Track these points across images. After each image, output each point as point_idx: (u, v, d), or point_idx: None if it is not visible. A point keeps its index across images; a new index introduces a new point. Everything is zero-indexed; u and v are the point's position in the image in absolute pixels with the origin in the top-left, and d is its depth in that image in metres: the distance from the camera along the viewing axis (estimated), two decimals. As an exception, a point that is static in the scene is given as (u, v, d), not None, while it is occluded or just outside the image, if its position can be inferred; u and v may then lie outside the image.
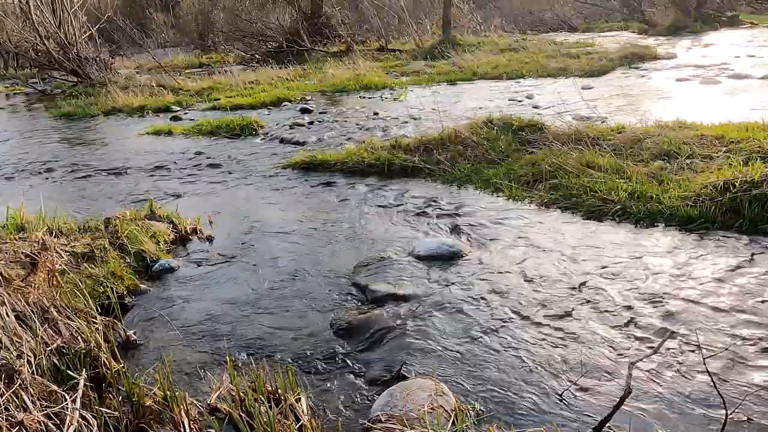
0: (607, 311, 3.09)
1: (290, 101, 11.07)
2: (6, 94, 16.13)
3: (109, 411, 2.37)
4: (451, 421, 2.29)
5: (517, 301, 3.27)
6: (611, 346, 2.79)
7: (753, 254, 3.62)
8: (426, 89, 11.52)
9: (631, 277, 3.44)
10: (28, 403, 2.25)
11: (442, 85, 12.00)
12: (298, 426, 2.32)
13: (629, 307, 3.11)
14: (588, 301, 3.21)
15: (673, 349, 2.73)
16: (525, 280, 3.50)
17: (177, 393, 2.40)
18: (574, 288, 3.36)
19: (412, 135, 7.01)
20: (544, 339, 2.89)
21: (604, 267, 3.60)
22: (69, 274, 3.46)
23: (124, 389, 2.53)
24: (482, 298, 3.32)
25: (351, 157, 6.31)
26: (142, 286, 3.78)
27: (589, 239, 4.04)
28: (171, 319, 3.31)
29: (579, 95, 8.17)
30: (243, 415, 2.32)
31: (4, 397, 2.21)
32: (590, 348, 2.79)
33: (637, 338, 2.84)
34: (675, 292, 3.24)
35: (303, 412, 2.39)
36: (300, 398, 2.46)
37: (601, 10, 25.95)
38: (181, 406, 2.36)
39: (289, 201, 5.40)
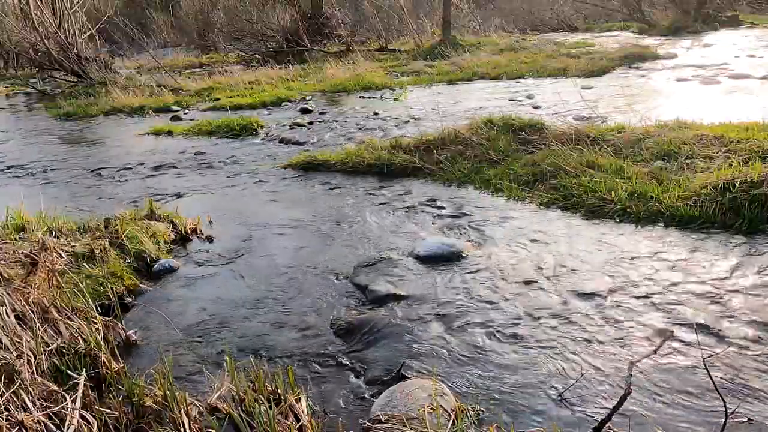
0: (606, 311, 3.09)
1: (290, 101, 11.08)
2: (6, 94, 16.13)
3: (109, 411, 2.37)
4: (451, 421, 2.29)
5: (517, 300, 3.27)
6: (611, 346, 2.79)
7: (752, 254, 3.62)
8: (426, 89, 11.52)
9: (631, 277, 3.44)
10: (28, 403, 2.25)
11: (442, 85, 12.00)
12: (298, 426, 2.32)
13: (629, 307, 3.11)
14: (588, 301, 3.20)
15: (673, 348, 2.73)
16: (525, 280, 3.50)
17: (177, 393, 2.40)
18: (573, 288, 3.36)
19: (412, 135, 7.01)
20: (544, 339, 2.89)
21: (603, 267, 3.60)
22: (69, 274, 3.45)
23: (124, 389, 2.53)
24: (482, 298, 3.32)
25: (351, 157, 6.31)
26: (142, 286, 3.78)
27: (589, 239, 4.03)
28: (171, 319, 3.31)
29: (579, 95, 8.18)
30: (243, 415, 2.32)
31: (4, 397, 2.21)
32: (590, 347, 2.79)
33: (637, 338, 2.84)
34: (675, 291, 3.24)
35: (303, 412, 2.39)
36: (300, 398, 2.46)
37: (601, 10, 25.93)
38: (181, 406, 2.36)
39: (289, 201, 5.40)
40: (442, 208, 4.89)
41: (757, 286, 3.24)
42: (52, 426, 2.18)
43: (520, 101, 9.33)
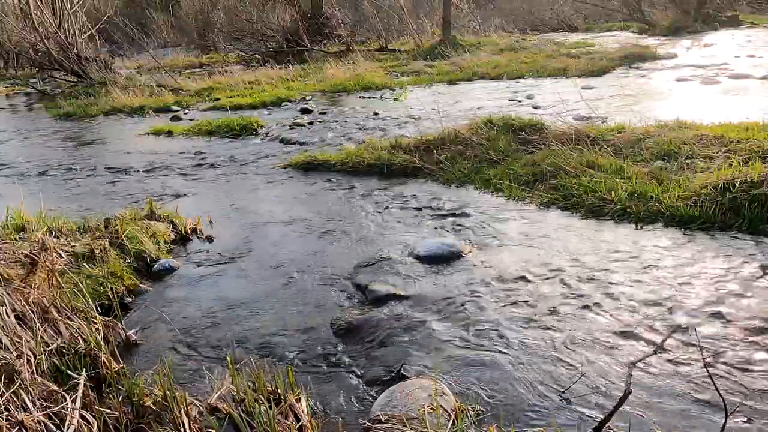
0: (606, 311, 3.09)
1: (290, 101, 11.08)
2: (6, 94, 16.13)
3: (109, 411, 2.37)
4: (451, 421, 2.29)
5: (516, 301, 3.27)
6: (611, 346, 2.79)
7: (752, 254, 3.62)
8: (426, 89, 11.52)
9: (631, 277, 3.44)
10: (28, 403, 2.25)
11: (442, 85, 11.99)
12: (298, 426, 2.32)
13: (629, 307, 3.11)
14: (588, 301, 3.20)
15: (673, 349, 2.73)
16: (525, 281, 3.50)
17: (177, 393, 2.40)
18: (573, 288, 3.36)
19: (412, 135, 7.01)
20: (544, 339, 2.89)
21: (603, 267, 3.60)
22: (69, 274, 3.45)
23: (124, 389, 2.53)
24: (482, 298, 3.32)
25: (351, 157, 6.31)
26: (142, 286, 3.79)
27: (589, 239, 4.03)
28: (171, 319, 3.31)
29: (579, 95, 8.17)
30: (243, 415, 2.32)
31: (4, 397, 2.21)
32: (590, 348, 2.79)
33: (637, 338, 2.84)
34: (675, 292, 3.24)
35: (303, 412, 2.39)
36: (300, 398, 2.46)
37: (601, 10, 25.91)
38: (181, 406, 2.36)
39: (289, 201, 5.40)
40: (442, 208, 4.88)
41: (758, 286, 3.24)
42: (52, 426, 2.18)
43: (520, 101, 9.33)
